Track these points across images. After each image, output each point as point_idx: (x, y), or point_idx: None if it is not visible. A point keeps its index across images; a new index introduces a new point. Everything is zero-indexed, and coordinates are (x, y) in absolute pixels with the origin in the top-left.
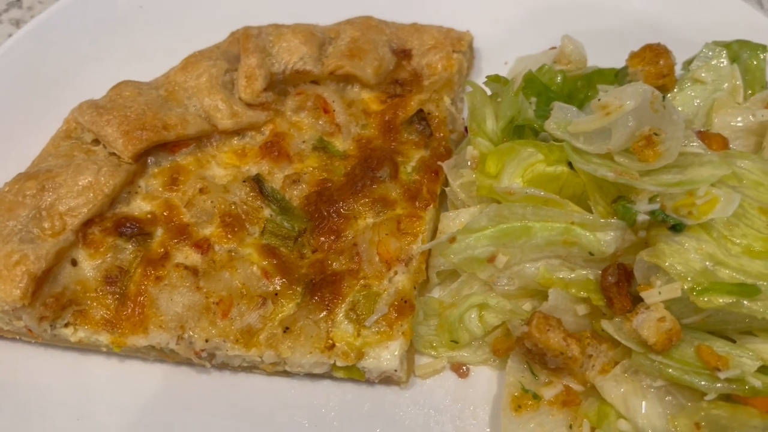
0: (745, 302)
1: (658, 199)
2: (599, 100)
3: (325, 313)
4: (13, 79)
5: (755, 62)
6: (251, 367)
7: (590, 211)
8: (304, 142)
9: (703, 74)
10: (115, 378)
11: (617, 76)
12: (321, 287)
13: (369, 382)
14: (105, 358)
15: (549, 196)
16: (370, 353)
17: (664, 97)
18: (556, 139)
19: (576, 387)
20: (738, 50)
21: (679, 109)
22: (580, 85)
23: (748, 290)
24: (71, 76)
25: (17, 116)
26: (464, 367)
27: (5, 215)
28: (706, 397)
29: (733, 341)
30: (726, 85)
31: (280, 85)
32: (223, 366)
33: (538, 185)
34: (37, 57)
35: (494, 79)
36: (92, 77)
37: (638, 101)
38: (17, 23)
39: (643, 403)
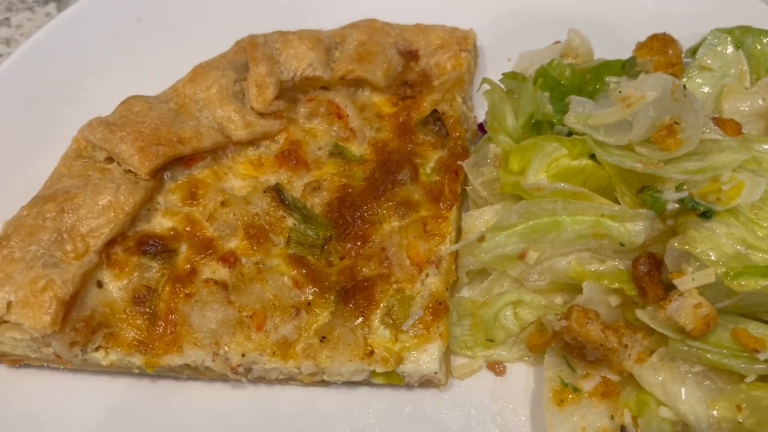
0: None
1: (685, 187)
2: (620, 92)
3: (361, 319)
4: (13, 98)
5: (759, 47)
6: (288, 379)
7: (616, 203)
8: (319, 148)
9: (709, 61)
10: (148, 399)
11: (624, 68)
12: (354, 294)
13: (408, 386)
14: (136, 380)
15: (577, 189)
16: (409, 357)
17: (684, 86)
18: (575, 133)
19: (612, 377)
20: (741, 36)
21: None
22: (588, 78)
23: None
24: (73, 94)
25: (21, 137)
26: (500, 365)
27: (26, 240)
28: (746, 379)
29: (766, 323)
30: (733, 71)
31: (290, 92)
32: (259, 380)
33: (564, 179)
34: (36, 76)
35: (511, 76)
36: (94, 94)
37: (660, 91)
38: (7, 42)
39: (683, 389)
